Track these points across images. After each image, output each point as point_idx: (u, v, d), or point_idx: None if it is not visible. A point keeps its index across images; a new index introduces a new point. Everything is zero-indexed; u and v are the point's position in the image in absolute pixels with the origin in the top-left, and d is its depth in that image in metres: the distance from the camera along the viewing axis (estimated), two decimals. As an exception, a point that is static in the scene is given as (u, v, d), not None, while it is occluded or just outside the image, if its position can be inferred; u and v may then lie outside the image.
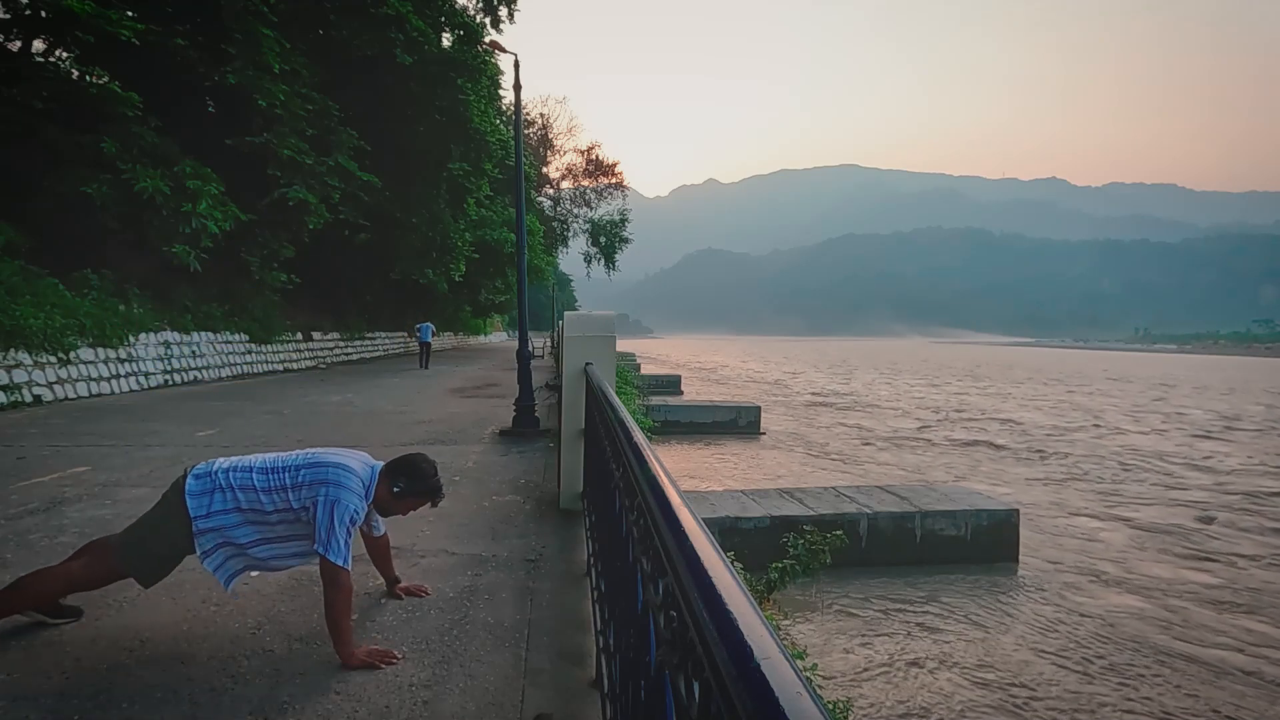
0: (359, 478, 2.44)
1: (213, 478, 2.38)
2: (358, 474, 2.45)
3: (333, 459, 2.45)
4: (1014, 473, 15.15)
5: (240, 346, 15.28)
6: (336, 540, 2.31)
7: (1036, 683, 5.94)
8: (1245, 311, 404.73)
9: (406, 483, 2.54)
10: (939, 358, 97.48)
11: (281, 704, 2.09)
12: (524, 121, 14.44)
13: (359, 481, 2.44)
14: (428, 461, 2.63)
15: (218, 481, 2.37)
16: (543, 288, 43.99)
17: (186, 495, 2.35)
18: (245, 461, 2.45)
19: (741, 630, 0.53)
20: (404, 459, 2.60)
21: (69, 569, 2.43)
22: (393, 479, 2.53)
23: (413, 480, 2.55)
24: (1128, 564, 9.18)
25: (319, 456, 2.45)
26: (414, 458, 2.61)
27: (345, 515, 2.34)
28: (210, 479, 2.38)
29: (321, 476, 2.38)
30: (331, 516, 2.32)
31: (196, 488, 2.37)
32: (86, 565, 2.41)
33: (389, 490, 2.52)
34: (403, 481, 2.53)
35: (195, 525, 2.33)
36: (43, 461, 5.58)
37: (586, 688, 2.32)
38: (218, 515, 2.34)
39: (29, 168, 11.60)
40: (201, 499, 2.35)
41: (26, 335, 9.34)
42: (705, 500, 8.54)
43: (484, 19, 22.73)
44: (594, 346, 4.33)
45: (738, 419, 20.00)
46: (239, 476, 2.38)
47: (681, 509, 0.90)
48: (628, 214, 44.41)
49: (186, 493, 2.35)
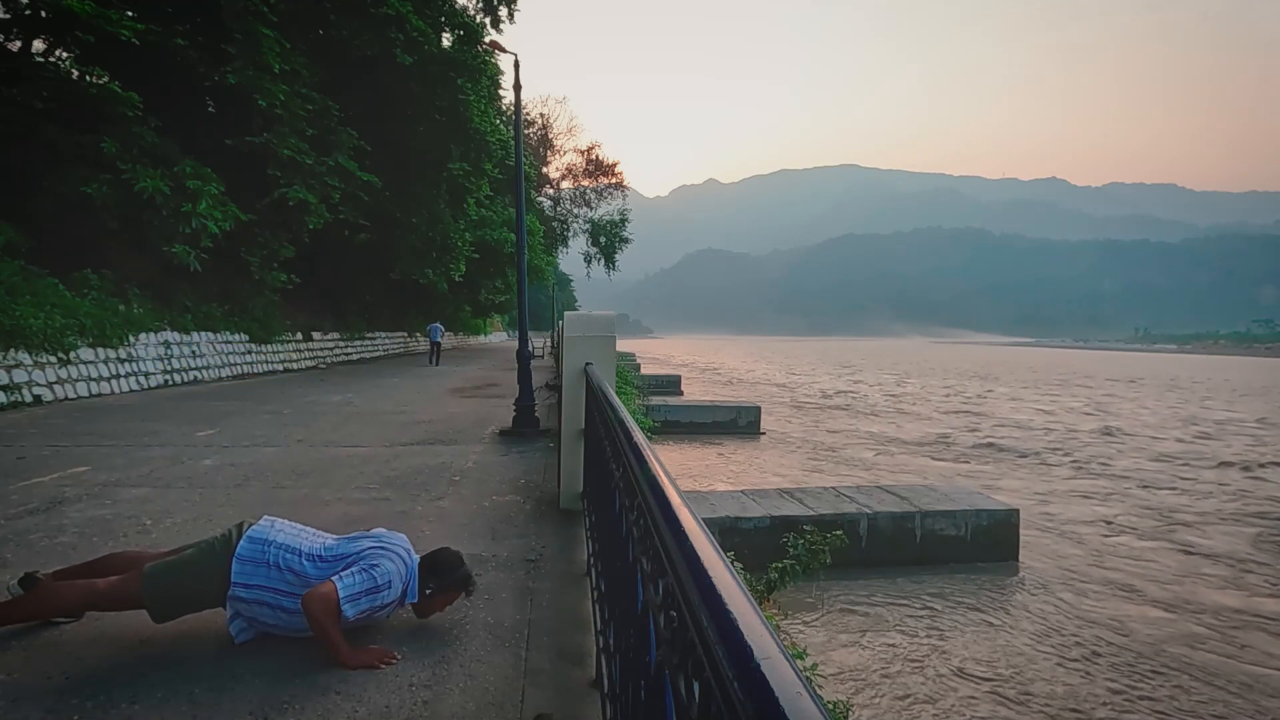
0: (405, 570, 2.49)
1: (266, 549, 2.39)
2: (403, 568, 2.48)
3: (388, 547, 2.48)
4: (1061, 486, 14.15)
5: (240, 346, 15.28)
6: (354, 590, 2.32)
7: (1036, 682, 5.94)
8: (1245, 311, 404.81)
9: (437, 581, 2.57)
10: (942, 358, 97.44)
11: (281, 704, 2.09)
12: (524, 121, 14.44)
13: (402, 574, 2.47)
14: (451, 553, 2.66)
15: (268, 557, 2.38)
16: (543, 288, 43.99)
17: (236, 559, 2.36)
18: (299, 544, 2.45)
19: (741, 630, 0.53)
20: (429, 558, 2.62)
21: (94, 587, 2.39)
22: (424, 580, 2.56)
23: (442, 577, 2.58)
24: (1146, 574, 9.12)
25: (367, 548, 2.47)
26: (438, 554, 2.65)
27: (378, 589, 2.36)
28: (264, 549, 2.39)
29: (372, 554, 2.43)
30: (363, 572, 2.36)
31: (248, 553, 2.37)
32: (114, 587, 2.36)
33: (422, 592, 2.56)
34: (433, 582, 2.57)
35: (233, 590, 2.34)
36: (43, 461, 5.58)
37: (586, 688, 2.32)
38: (257, 589, 2.35)
39: (29, 168, 11.60)
40: (249, 567, 2.35)
41: (26, 335, 9.33)
42: (705, 500, 8.54)
43: (484, 19, 22.72)
44: (594, 346, 4.33)
45: (737, 419, 20.01)
46: (288, 558, 2.39)
47: (681, 509, 0.90)
48: (628, 214, 44.40)
49: (236, 556, 2.36)
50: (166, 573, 2.37)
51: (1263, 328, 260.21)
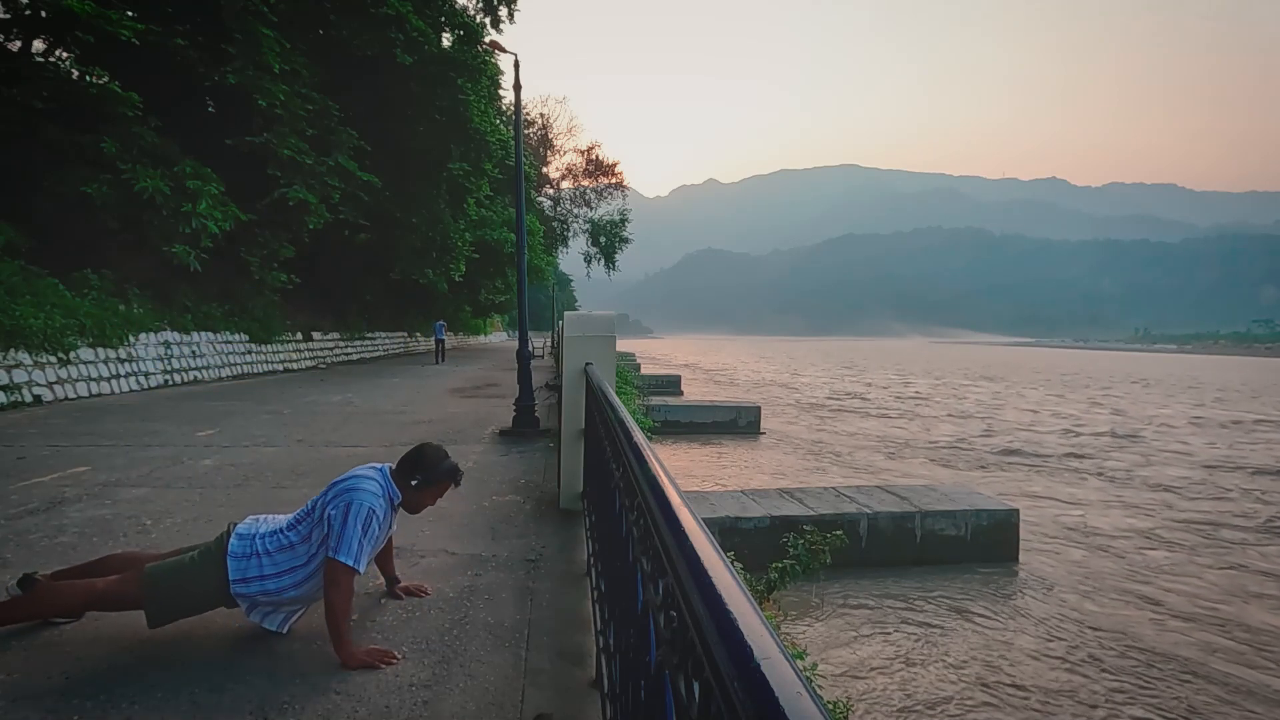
0: (375, 482, 2.48)
1: (254, 541, 2.41)
2: (373, 479, 2.48)
3: (347, 476, 2.50)
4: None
5: (240, 346, 15.28)
6: (348, 540, 2.32)
7: (1036, 682, 5.95)
8: (1245, 311, 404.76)
9: (423, 474, 2.56)
10: (944, 358, 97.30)
11: (281, 704, 2.09)
12: (524, 121, 14.43)
13: (376, 484, 2.47)
14: (434, 447, 2.65)
15: (256, 547, 2.40)
16: (543, 288, 43.99)
17: (229, 556, 2.37)
18: (282, 520, 2.48)
19: (741, 630, 0.53)
20: (410, 453, 2.62)
21: (93, 587, 2.39)
22: (408, 475, 2.55)
23: (428, 469, 2.57)
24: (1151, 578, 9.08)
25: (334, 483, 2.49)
26: (421, 448, 2.64)
27: (360, 514, 2.36)
28: (251, 542, 2.41)
29: (337, 491, 2.43)
30: (345, 516, 2.35)
31: (239, 549, 2.39)
32: (112, 586, 2.37)
33: (408, 486, 2.55)
34: (419, 474, 2.56)
35: (234, 588, 2.36)
36: (43, 461, 5.58)
37: (586, 688, 2.32)
38: (254, 581, 2.38)
39: (29, 168, 11.60)
40: (242, 562, 2.37)
41: (26, 335, 9.33)
42: (705, 500, 8.54)
43: (484, 19, 22.72)
44: (594, 346, 4.33)
45: (737, 419, 20.01)
46: (274, 540, 2.42)
47: (681, 509, 0.90)
48: (628, 214, 44.38)
49: (229, 554, 2.38)
50: (167, 574, 2.37)
51: (1263, 328, 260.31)
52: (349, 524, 2.34)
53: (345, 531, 2.33)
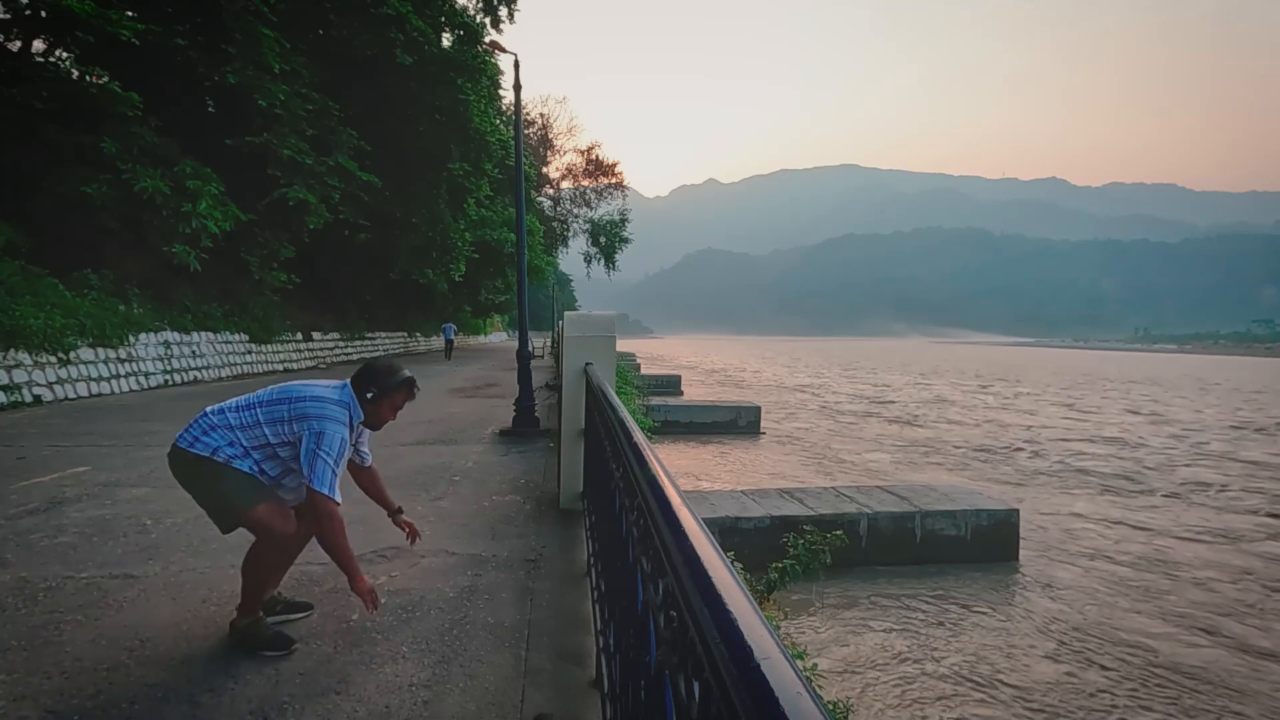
0: (343, 407, 2.42)
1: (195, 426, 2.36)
2: (341, 402, 2.43)
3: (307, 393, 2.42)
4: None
5: (240, 346, 15.28)
6: (319, 470, 2.29)
7: (1036, 682, 5.94)
8: (1245, 311, 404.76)
9: (377, 387, 2.49)
10: (946, 358, 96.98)
11: (281, 704, 2.09)
12: (524, 121, 14.43)
13: (344, 410, 2.42)
14: (385, 360, 2.59)
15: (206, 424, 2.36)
16: (543, 288, 44.00)
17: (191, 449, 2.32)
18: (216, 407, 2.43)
19: (741, 630, 0.53)
20: (362, 369, 2.55)
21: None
22: (363, 390, 2.48)
23: (380, 382, 2.50)
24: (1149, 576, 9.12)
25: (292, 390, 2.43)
26: (371, 362, 2.57)
27: (332, 444, 2.32)
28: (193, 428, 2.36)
29: (303, 412, 2.36)
30: (316, 446, 2.31)
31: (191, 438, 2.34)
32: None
33: (364, 400, 2.48)
34: (372, 388, 2.48)
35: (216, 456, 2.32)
36: (43, 461, 5.58)
37: (586, 688, 2.32)
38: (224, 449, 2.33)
39: (29, 168, 11.60)
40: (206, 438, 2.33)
41: (26, 335, 9.34)
42: (705, 500, 8.54)
43: (484, 19, 22.74)
44: (594, 346, 4.33)
45: (737, 419, 20.00)
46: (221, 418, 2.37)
47: (681, 509, 0.90)
48: (628, 214, 44.36)
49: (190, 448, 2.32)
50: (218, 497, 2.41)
51: (1263, 328, 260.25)
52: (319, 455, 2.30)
53: (314, 466, 2.29)
